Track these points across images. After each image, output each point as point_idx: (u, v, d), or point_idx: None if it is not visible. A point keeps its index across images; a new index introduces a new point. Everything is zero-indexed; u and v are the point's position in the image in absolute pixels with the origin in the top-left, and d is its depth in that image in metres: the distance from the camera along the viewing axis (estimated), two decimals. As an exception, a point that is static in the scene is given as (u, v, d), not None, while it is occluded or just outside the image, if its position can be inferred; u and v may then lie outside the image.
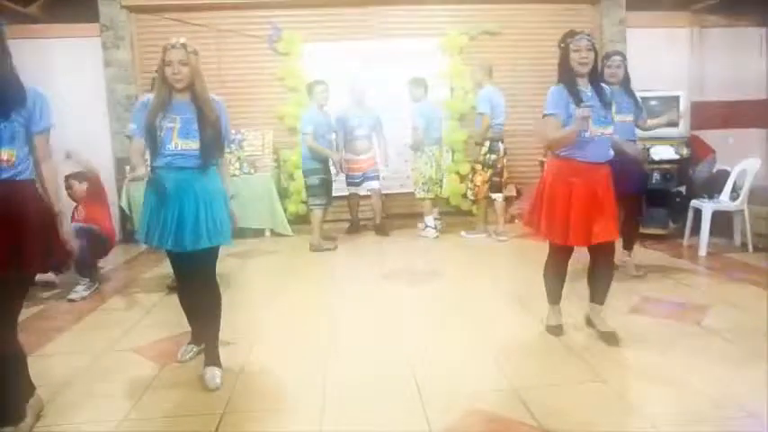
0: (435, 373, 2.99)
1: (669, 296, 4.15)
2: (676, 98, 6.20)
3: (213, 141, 2.92)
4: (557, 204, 3.18)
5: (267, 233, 6.76)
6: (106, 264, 5.60)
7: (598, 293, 3.37)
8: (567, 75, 3.19)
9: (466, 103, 7.39)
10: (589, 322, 3.46)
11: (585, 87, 3.18)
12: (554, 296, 3.48)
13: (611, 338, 3.26)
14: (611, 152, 3.26)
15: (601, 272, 3.34)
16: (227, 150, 3.19)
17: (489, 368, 3.04)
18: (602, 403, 2.63)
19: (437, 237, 6.46)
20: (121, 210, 6.70)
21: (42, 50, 6.41)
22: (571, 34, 3.20)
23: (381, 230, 6.69)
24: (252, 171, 6.74)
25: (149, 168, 2.98)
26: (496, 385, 2.84)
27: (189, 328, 3.34)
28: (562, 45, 3.20)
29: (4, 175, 2.24)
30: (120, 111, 6.98)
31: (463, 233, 6.50)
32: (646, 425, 2.43)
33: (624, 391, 2.76)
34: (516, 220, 7.10)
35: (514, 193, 7.33)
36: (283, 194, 7.07)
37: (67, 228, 2.53)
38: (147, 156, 3.02)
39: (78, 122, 6.33)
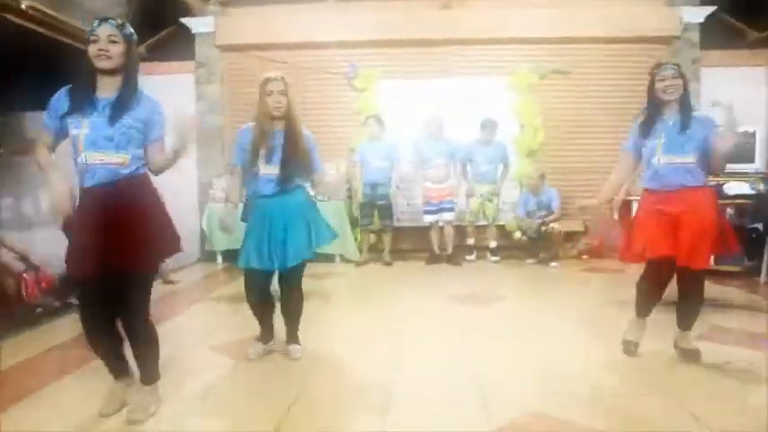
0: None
1: (740, 326, 4.07)
2: (752, 134, 6.13)
3: (296, 167, 3.23)
4: (643, 224, 3.29)
5: (337, 259, 7.01)
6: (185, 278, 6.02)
7: (683, 319, 3.36)
8: (650, 104, 3.30)
9: (535, 140, 7.53)
10: (676, 346, 3.41)
11: (670, 117, 3.24)
12: (641, 309, 3.43)
13: (693, 355, 3.27)
14: (694, 179, 3.20)
15: (687, 299, 3.33)
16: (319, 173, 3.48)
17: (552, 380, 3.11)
18: (664, 414, 2.66)
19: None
20: (201, 231, 7.16)
21: (145, 85, 7.02)
22: (658, 65, 3.31)
23: (453, 260, 6.85)
24: (327, 199, 7.06)
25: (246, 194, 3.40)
26: (558, 391, 2.91)
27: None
28: (650, 76, 3.30)
29: (123, 172, 2.49)
30: (208, 140, 7.54)
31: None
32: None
33: (686, 404, 2.76)
34: (584, 256, 7.11)
35: (582, 229, 7.34)
36: (354, 222, 7.34)
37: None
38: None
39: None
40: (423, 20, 7.51)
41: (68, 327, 4.09)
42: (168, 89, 7.77)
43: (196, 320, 4.60)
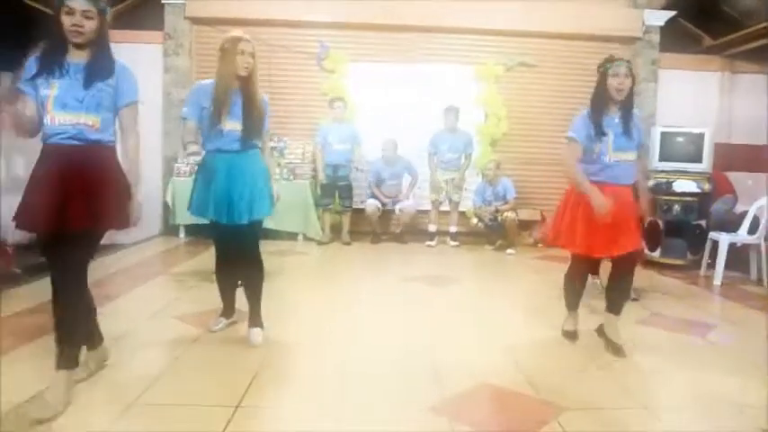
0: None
1: (677, 313, 4.36)
2: (701, 135, 6.44)
3: (256, 126, 3.28)
4: (578, 219, 3.28)
5: (300, 237, 7.10)
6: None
7: (615, 304, 3.44)
8: (599, 99, 3.28)
9: (498, 130, 7.74)
10: (601, 332, 3.51)
11: (615, 114, 3.27)
12: (571, 303, 3.65)
13: (618, 351, 3.34)
14: (631, 176, 3.33)
15: (620, 283, 3.44)
16: (270, 141, 3.52)
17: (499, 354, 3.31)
18: (600, 387, 2.90)
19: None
20: (165, 204, 7.13)
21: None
22: (611, 59, 3.30)
23: (400, 239, 7.32)
24: (291, 178, 7.13)
25: (202, 149, 3.38)
26: (506, 365, 3.11)
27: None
28: (601, 69, 3.30)
29: (92, 137, 2.48)
30: (174, 113, 7.48)
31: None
32: (638, 405, 2.67)
33: (623, 379, 2.99)
34: (539, 245, 7.37)
35: (539, 218, 7.60)
36: (317, 202, 7.41)
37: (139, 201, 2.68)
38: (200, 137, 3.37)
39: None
40: (395, 5, 7.56)
41: (29, 294, 4.09)
42: (134, 59, 7.68)
43: (157, 293, 4.64)
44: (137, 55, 7.33)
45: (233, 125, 3.24)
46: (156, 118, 7.50)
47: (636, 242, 3.34)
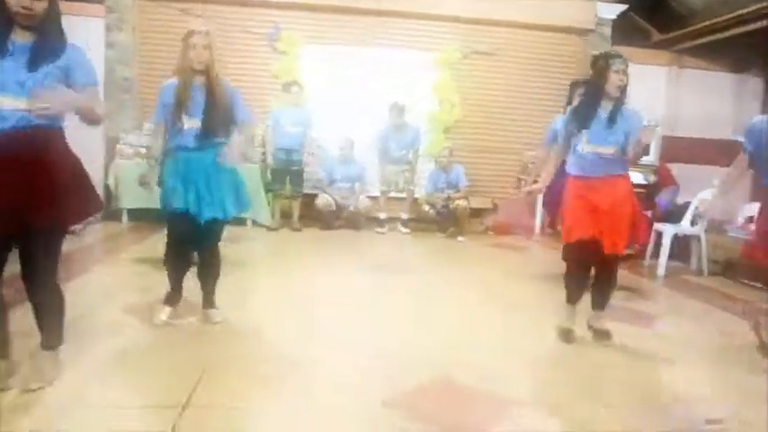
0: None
1: (624, 304, 4.45)
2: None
3: (217, 121, 3.16)
4: (570, 208, 3.37)
5: (249, 223, 6.92)
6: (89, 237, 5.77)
7: (599, 301, 3.50)
8: (595, 92, 3.28)
9: (451, 116, 7.73)
10: (590, 326, 3.52)
11: (605, 108, 3.25)
12: (572, 295, 3.47)
13: (604, 335, 3.43)
14: (617, 168, 3.30)
15: (603, 282, 3.47)
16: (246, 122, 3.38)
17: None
18: (554, 380, 2.90)
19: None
20: (106, 188, 6.82)
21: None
22: (610, 55, 3.27)
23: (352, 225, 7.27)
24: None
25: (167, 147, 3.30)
26: (463, 359, 3.08)
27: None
28: (600, 63, 3.24)
29: (37, 122, 2.25)
30: (117, 92, 7.16)
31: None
32: (591, 399, 2.70)
33: (576, 372, 3.01)
34: (490, 233, 7.44)
35: (490, 206, 7.67)
36: (267, 187, 7.24)
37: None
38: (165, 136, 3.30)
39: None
40: (351, -13, 7.43)
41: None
42: (75, 33, 7.29)
43: (102, 281, 4.41)
44: (77, 29, 6.92)
45: (192, 123, 3.14)
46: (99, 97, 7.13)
47: (617, 246, 3.27)
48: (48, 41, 2.31)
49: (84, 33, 6.89)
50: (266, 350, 3.12)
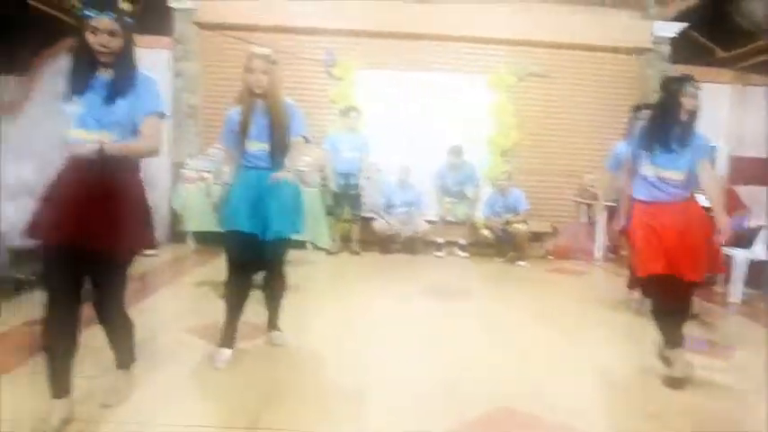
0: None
1: (697, 333, 4.29)
2: (713, 148, 6.38)
3: (281, 143, 3.25)
4: (639, 238, 3.22)
5: (309, 246, 7.00)
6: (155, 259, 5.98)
7: (669, 335, 3.21)
8: (664, 116, 3.19)
9: (508, 140, 7.69)
10: (661, 357, 3.30)
11: (674, 132, 3.15)
12: (676, 337, 3.19)
13: (678, 384, 3.14)
14: (685, 192, 3.20)
15: (677, 310, 3.23)
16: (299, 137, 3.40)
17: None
18: (622, 412, 2.84)
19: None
20: (172, 211, 7.03)
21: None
22: (683, 78, 3.19)
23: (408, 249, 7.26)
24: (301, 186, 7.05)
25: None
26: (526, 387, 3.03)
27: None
28: (673, 87, 3.17)
29: (108, 157, 2.35)
30: (183, 118, 7.44)
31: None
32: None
33: (645, 406, 2.92)
34: (550, 257, 7.32)
35: (550, 230, 7.56)
36: (327, 211, 7.33)
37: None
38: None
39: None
40: (404, 13, 7.52)
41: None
42: (145, 63, 7.68)
43: (168, 303, 4.56)
44: (146, 60, 7.28)
45: (258, 145, 3.24)
46: (166, 123, 7.41)
47: (699, 272, 3.14)
48: (123, 76, 2.43)
49: (154, 64, 7.23)
50: (327, 375, 3.16)
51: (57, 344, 2.38)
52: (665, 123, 3.20)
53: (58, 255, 2.35)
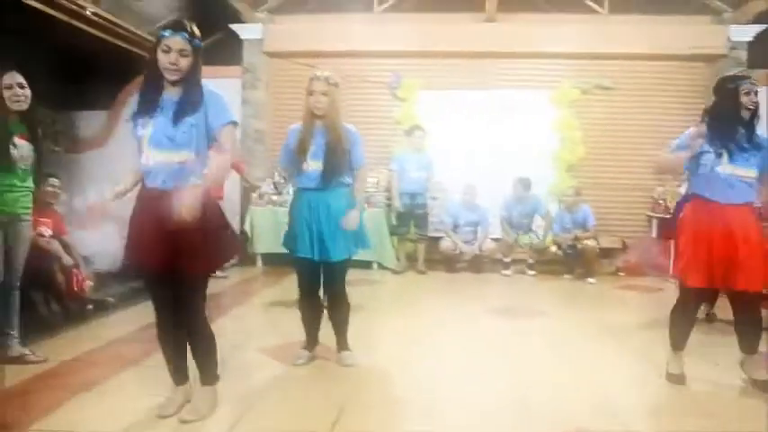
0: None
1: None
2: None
3: (338, 163, 3.32)
4: (689, 243, 3.13)
5: (375, 266, 7.08)
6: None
7: (743, 343, 3.22)
8: (730, 116, 3.10)
9: (574, 154, 7.54)
10: (744, 369, 3.27)
11: (740, 131, 3.10)
12: (679, 341, 3.30)
13: (763, 386, 3.12)
14: (749, 195, 3.11)
15: (742, 321, 3.21)
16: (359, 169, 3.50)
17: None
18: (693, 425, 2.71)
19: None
20: (243, 233, 7.29)
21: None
22: (736, 78, 3.18)
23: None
24: (366, 207, 7.15)
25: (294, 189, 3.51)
26: (600, 408, 2.95)
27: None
28: (730, 86, 3.12)
29: (186, 179, 2.49)
30: (251, 143, 7.74)
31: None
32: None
33: (728, 425, 2.78)
34: (621, 273, 7.09)
35: (619, 245, 7.33)
36: (391, 231, 7.39)
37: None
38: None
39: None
40: (466, 32, 7.57)
41: (122, 322, 4.25)
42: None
43: (239, 324, 4.71)
44: (216, 88, 7.67)
45: (314, 165, 3.32)
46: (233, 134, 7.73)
47: (752, 281, 3.02)
48: (191, 95, 2.52)
49: (222, 93, 7.58)
50: (396, 394, 3.17)
51: (167, 343, 2.75)
52: (730, 123, 3.11)
53: (148, 277, 2.69)
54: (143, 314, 3.52)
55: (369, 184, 7.39)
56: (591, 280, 6.61)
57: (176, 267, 2.52)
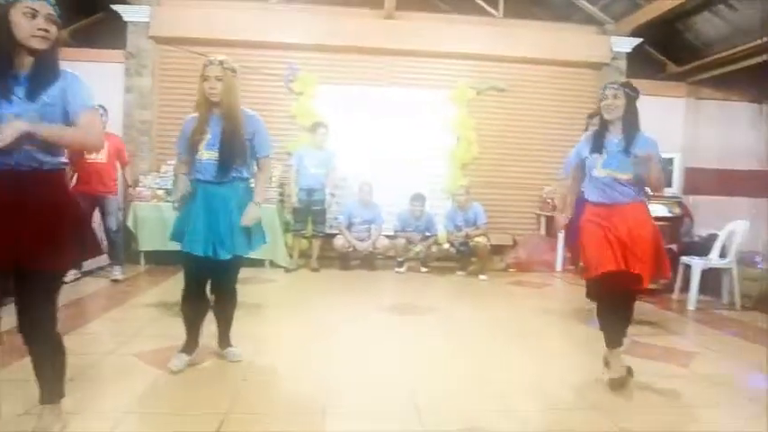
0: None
1: (657, 341, 4.29)
2: (670, 160, 6.50)
3: (234, 153, 3.12)
4: (591, 239, 3.26)
5: (266, 264, 6.85)
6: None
7: (611, 337, 3.31)
8: (601, 122, 3.36)
9: (469, 153, 7.70)
10: (606, 363, 3.37)
11: (616, 134, 3.27)
12: (615, 338, 3.30)
13: (618, 384, 3.21)
14: (633, 194, 3.26)
15: (616, 314, 3.30)
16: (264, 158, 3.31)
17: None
18: (594, 427, 2.76)
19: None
20: (126, 229, 6.80)
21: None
22: (605, 85, 3.36)
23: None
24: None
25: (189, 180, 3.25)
26: (493, 404, 2.94)
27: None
28: (600, 94, 3.35)
29: (39, 162, 2.20)
30: (136, 134, 7.24)
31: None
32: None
33: (614, 417, 2.86)
34: (511, 270, 7.30)
35: (510, 243, 7.57)
36: (284, 227, 7.19)
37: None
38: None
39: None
40: (364, 28, 7.50)
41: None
42: (94, 78, 7.40)
43: (116, 327, 4.34)
44: (97, 73, 7.07)
45: (209, 155, 3.13)
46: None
47: (646, 270, 3.14)
48: (47, 69, 2.22)
49: (103, 78, 7.04)
50: (284, 397, 3.02)
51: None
52: (602, 126, 3.34)
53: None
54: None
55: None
56: (482, 276, 6.76)
57: (20, 262, 2.16)
